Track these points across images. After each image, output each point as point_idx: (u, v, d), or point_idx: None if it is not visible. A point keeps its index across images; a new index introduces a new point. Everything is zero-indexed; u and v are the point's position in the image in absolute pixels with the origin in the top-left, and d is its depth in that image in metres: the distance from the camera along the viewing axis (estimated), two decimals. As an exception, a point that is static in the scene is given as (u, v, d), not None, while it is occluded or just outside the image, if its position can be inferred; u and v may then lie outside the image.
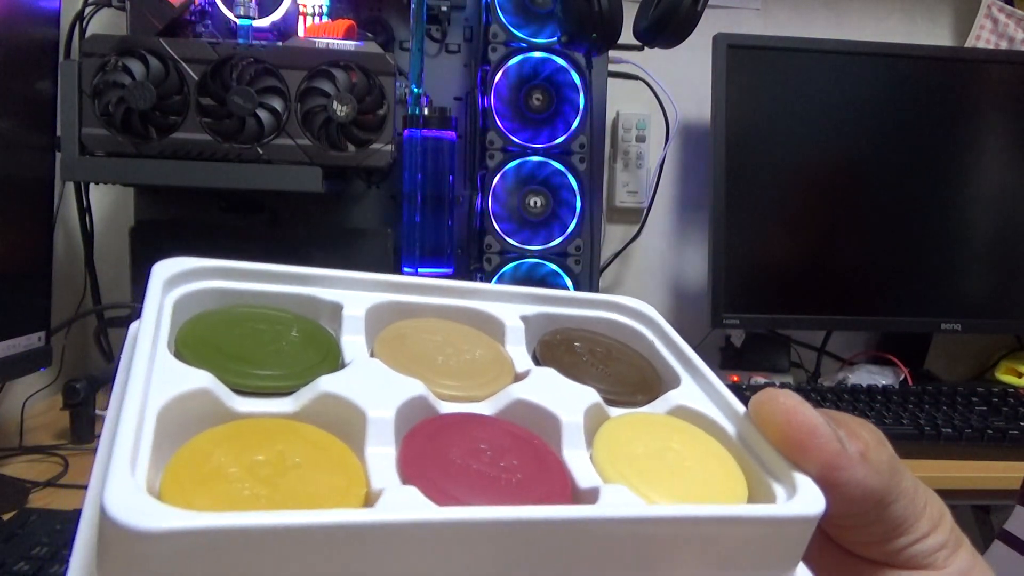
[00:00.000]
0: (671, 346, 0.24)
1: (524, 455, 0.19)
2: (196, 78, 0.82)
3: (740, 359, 1.21)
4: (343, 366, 0.20)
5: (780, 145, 1.13)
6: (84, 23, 0.98)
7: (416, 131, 0.95)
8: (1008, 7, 1.30)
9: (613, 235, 1.28)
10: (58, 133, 0.82)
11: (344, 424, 0.18)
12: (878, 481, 0.18)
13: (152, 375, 0.17)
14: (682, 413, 0.22)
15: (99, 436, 0.71)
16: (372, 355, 0.21)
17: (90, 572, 0.15)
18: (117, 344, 1.09)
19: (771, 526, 0.17)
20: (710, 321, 1.12)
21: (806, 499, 0.17)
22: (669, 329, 0.25)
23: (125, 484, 0.14)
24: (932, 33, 1.34)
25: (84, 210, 1.04)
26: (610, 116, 1.23)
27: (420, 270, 0.97)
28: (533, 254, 1.04)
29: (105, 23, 1.04)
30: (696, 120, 1.26)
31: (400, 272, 0.98)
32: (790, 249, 1.15)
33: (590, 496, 0.18)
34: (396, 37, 1.05)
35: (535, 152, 1.03)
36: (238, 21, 0.88)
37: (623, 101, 1.24)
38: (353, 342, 0.21)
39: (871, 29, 1.31)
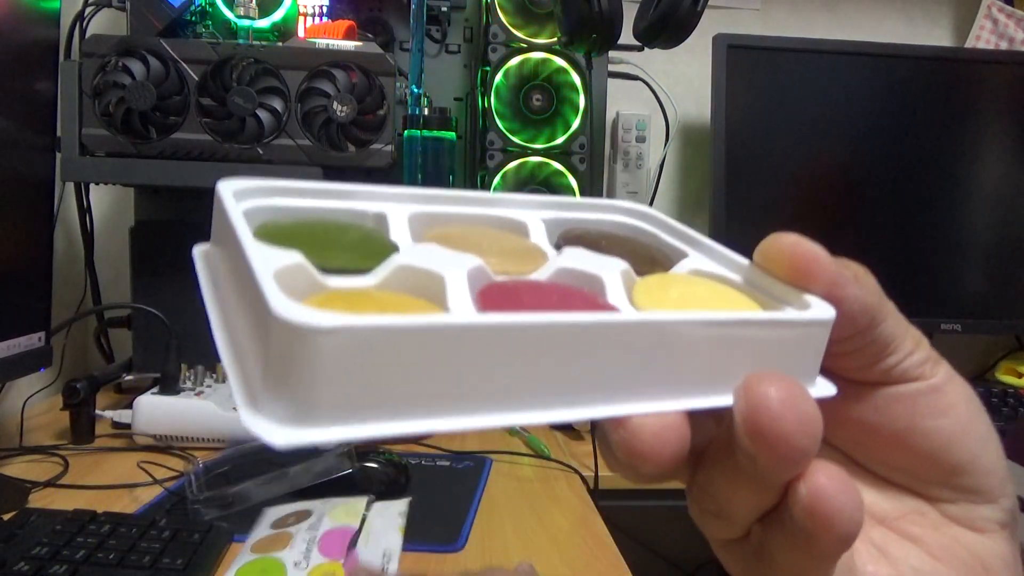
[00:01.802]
0: (674, 232, 0.27)
1: (584, 301, 0.21)
2: (196, 78, 0.82)
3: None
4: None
5: (780, 145, 1.13)
6: (84, 23, 0.98)
7: (416, 131, 0.95)
8: (1008, 7, 1.30)
9: (613, 235, 1.28)
10: (58, 133, 0.82)
11: (423, 290, 0.20)
12: (872, 298, 0.21)
13: (257, 253, 0.18)
14: (697, 274, 0.24)
15: (99, 436, 0.71)
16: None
17: (252, 391, 0.16)
18: (117, 344, 1.09)
19: (797, 327, 0.20)
20: (710, 321, 1.12)
21: (819, 308, 0.20)
22: (669, 220, 0.27)
23: (287, 301, 0.16)
24: (932, 33, 1.34)
25: (84, 210, 1.04)
26: (610, 116, 1.23)
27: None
28: (533, 254, 1.04)
29: (105, 23, 1.04)
30: (696, 120, 1.26)
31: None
32: (790, 249, 1.15)
33: None
34: (396, 37, 1.05)
35: (535, 152, 1.03)
36: (238, 21, 0.88)
37: (623, 101, 1.24)
38: (403, 241, 0.23)
39: (871, 30, 1.31)
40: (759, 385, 0.18)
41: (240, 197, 0.22)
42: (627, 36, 0.97)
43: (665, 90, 1.20)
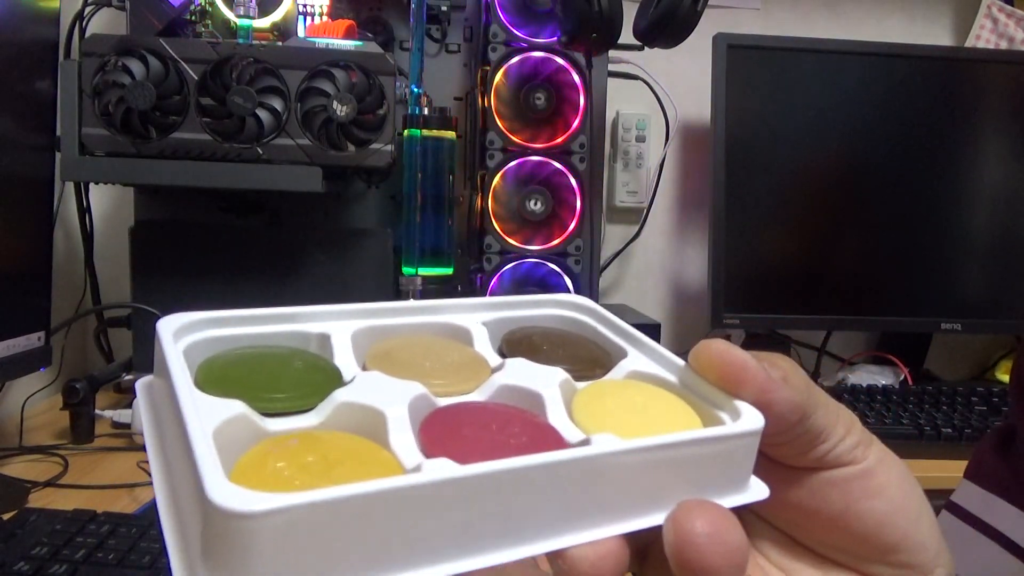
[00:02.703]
0: (613, 327, 0.28)
1: (523, 424, 0.22)
2: (196, 78, 0.82)
3: (740, 359, 1.21)
4: (346, 383, 0.23)
5: (780, 145, 1.13)
6: (84, 23, 0.98)
7: (416, 131, 0.95)
8: (1008, 7, 1.30)
9: (613, 235, 1.28)
10: (58, 133, 0.82)
11: (366, 426, 0.21)
12: (800, 397, 0.22)
13: (195, 408, 0.19)
14: (635, 376, 0.25)
15: (99, 436, 0.71)
16: (367, 370, 0.24)
17: (193, 564, 0.17)
18: (117, 344, 1.09)
19: (728, 442, 0.21)
20: (710, 321, 1.12)
21: (749, 418, 0.21)
22: (608, 314, 0.28)
23: (222, 482, 0.16)
24: (932, 33, 1.34)
25: (84, 210, 1.04)
26: (610, 116, 1.23)
27: (420, 270, 0.97)
28: (533, 254, 1.04)
29: (105, 23, 1.04)
30: (696, 120, 1.26)
31: (400, 272, 0.98)
32: (790, 249, 1.15)
33: (583, 445, 0.21)
34: (396, 37, 1.05)
35: (535, 152, 1.03)
36: (238, 21, 0.88)
37: (623, 101, 1.24)
38: (346, 363, 0.24)
39: (871, 29, 1.31)
40: (687, 520, 0.19)
41: (181, 334, 0.24)
42: (627, 36, 0.97)
43: (665, 90, 1.20)
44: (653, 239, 1.30)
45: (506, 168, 1.03)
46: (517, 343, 0.27)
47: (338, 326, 0.25)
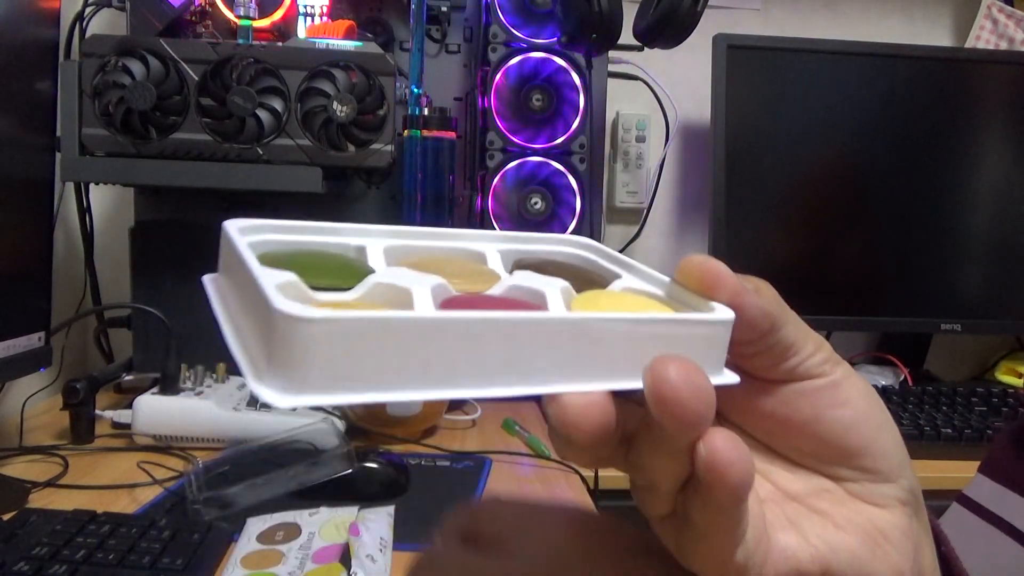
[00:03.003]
0: (613, 260, 0.32)
1: (528, 309, 0.25)
2: (196, 78, 0.82)
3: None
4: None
5: (780, 145, 1.13)
6: (84, 23, 0.98)
7: (416, 131, 0.95)
8: (1008, 7, 1.30)
9: (613, 235, 1.28)
10: (58, 133, 0.82)
11: (396, 303, 0.25)
12: (770, 306, 0.25)
13: (261, 272, 0.23)
14: (628, 290, 0.29)
15: (99, 436, 0.71)
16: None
17: (262, 365, 0.20)
18: (117, 344, 1.09)
19: (698, 326, 0.24)
20: (710, 321, 1.12)
21: (721, 312, 0.24)
22: (609, 250, 0.32)
23: (285, 299, 0.20)
24: (932, 33, 1.34)
25: (84, 210, 1.04)
26: (610, 116, 1.23)
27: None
28: (533, 254, 1.04)
29: (105, 23, 1.04)
30: (696, 120, 1.27)
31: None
32: (790, 249, 1.15)
33: None
34: (396, 37, 1.05)
35: (535, 152, 1.03)
36: (238, 21, 0.88)
37: (623, 101, 1.24)
38: (380, 267, 0.28)
39: (871, 29, 1.31)
40: (661, 364, 0.21)
41: (243, 233, 0.28)
42: (627, 36, 0.97)
43: (665, 90, 1.20)
44: (653, 239, 1.30)
45: (506, 168, 1.03)
46: (525, 266, 0.30)
47: (373, 241, 0.30)
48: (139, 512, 0.65)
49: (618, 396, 0.23)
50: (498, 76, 1.03)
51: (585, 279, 0.30)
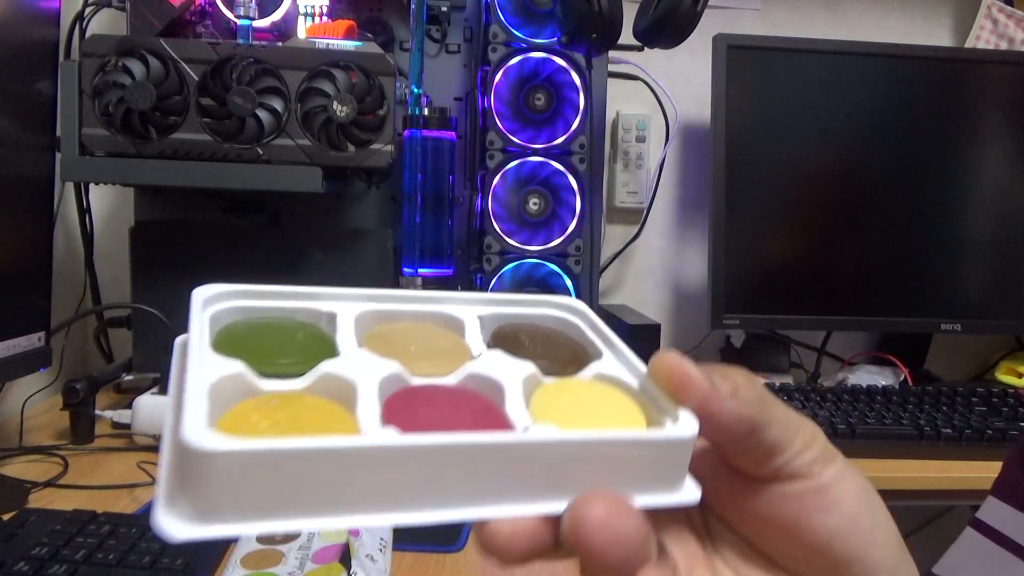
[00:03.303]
0: (596, 330, 0.30)
1: (476, 409, 0.24)
2: (196, 78, 0.82)
3: (740, 359, 1.21)
4: (339, 356, 0.27)
5: (780, 145, 1.13)
6: (84, 23, 0.98)
7: (416, 131, 0.95)
8: (1008, 7, 1.30)
9: (613, 235, 1.28)
10: (58, 133, 0.82)
11: (341, 394, 0.24)
12: (748, 411, 0.23)
13: (202, 365, 0.23)
14: (601, 378, 0.28)
15: (99, 436, 0.71)
16: (360, 347, 0.27)
17: (172, 492, 0.20)
18: (117, 344, 1.09)
19: (655, 445, 0.23)
20: (710, 321, 1.12)
21: (683, 425, 0.23)
22: (596, 319, 0.31)
23: (197, 425, 0.20)
24: (932, 33, 1.34)
25: (84, 210, 1.04)
26: (610, 116, 1.23)
27: (420, 270, 0.97)
28: (533, 254, 1.04)
29: (105, 23, 1.04)
30: (696, 120, 1.27)
31: (400, 273, 0.98)
32: (790, 249, 1.15)
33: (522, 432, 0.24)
34: (396, 37, 1.05)
35: (535, 152, 1.03)
36: (238, 21, 0.88)
37: (623, 101, 1.24)
38: (346, 339, 0.27)
39: (871, 29, 1.31)
40: (583, 506, 0.20)
41: (211, 302, 0.28)
42: (627, 36, 0.97)
43: (665, 90, 1.20)
44: (653, 239, 1.30)
45: (506, 168, 1.03)
46: (503, 337, 0.29)
47: (346, 307, 0.29)
48: (139, 512, 0.65)
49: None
50: (498, 76, 1.03)
51: (563, 356, 0.29)
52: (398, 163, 0.95)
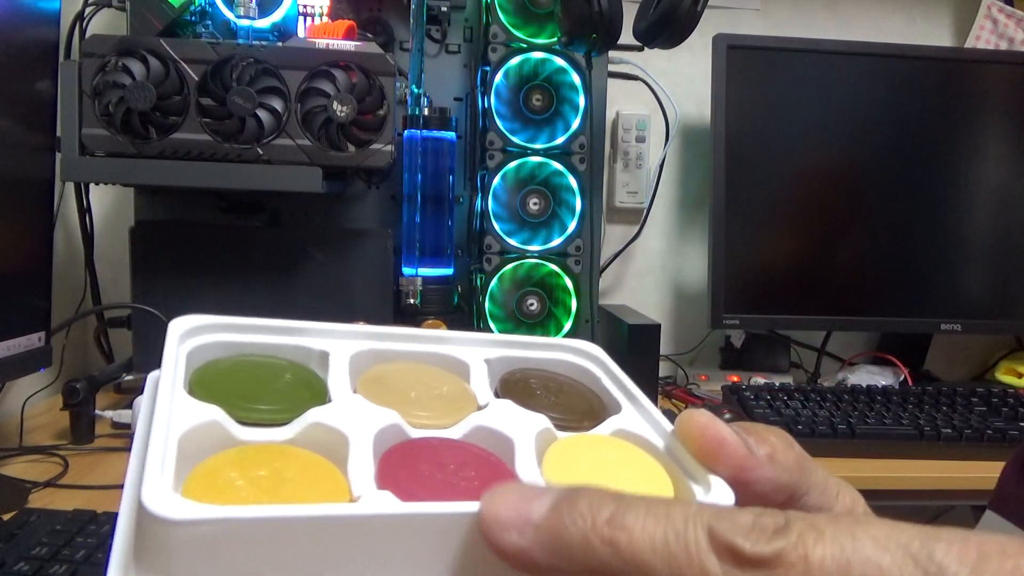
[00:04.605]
0: (615, 380, 0.28)
1: (482, 469, 0.22)
2: (196, 78, 0.82)
3: (740, 359, 1.21)
4: (329, 402, 0.24)
5: (780, 145, 1.13)
6: (84, 23, 0.98)
7: (416, 131, 0.95)
8: (1008, 7, 1.30)
9: (613, 235, 1.28)
10: (58, 133, 0.82)
11: (331, 447, 0.21)
12: (787, 477, 0.21)
13: (172, 411, 0.21)
14: (621, 434, 0.25)
15: (99, 436, 0.71)
16: (355, 393, 0.24)
17: (127, 560, 0.18)
18: (117, 344, 1.09)
19: None
20: (710, 321, 1.12)
21: (717, 495, 0.21)
22: (614, 366, 0.28)
23: (159, 487, 0.17)
24: (932, 34, 1.34)
25: (84, 210, 1.04)
26: (610, 116, 1.23)
27: (420, 271, 0.97)
28: (533, 254, 1.04)
29: (105, 23, 1.04)
30: (696, 120, 1.27)
31: (400, 273, 0.98)
32: (790, 249, 1.15)
33: None
34: (396, 37, 1.05)
35: (535, 152, 1.03)
36: (238, 21, 0.88)
37: (623, 101, 1.24)
38: (338, 383, 0.25)
39: (871, 29, 1.31)
40: None
41: (189, 336, 0.25)
42: (627, 36, 0.97)
43: (665, 90, 1.20)
44: (653, 239, 1.30)
45: (506, 168, 1.03)
46: (513, 384, 0.27)
47: (340, 345, 0.26)
48: (139, 512, 0.65)
49: None
50: (498, 76, 1.03)
51: (578, 408, 0.26)
52: (398, 163, 0.95)
